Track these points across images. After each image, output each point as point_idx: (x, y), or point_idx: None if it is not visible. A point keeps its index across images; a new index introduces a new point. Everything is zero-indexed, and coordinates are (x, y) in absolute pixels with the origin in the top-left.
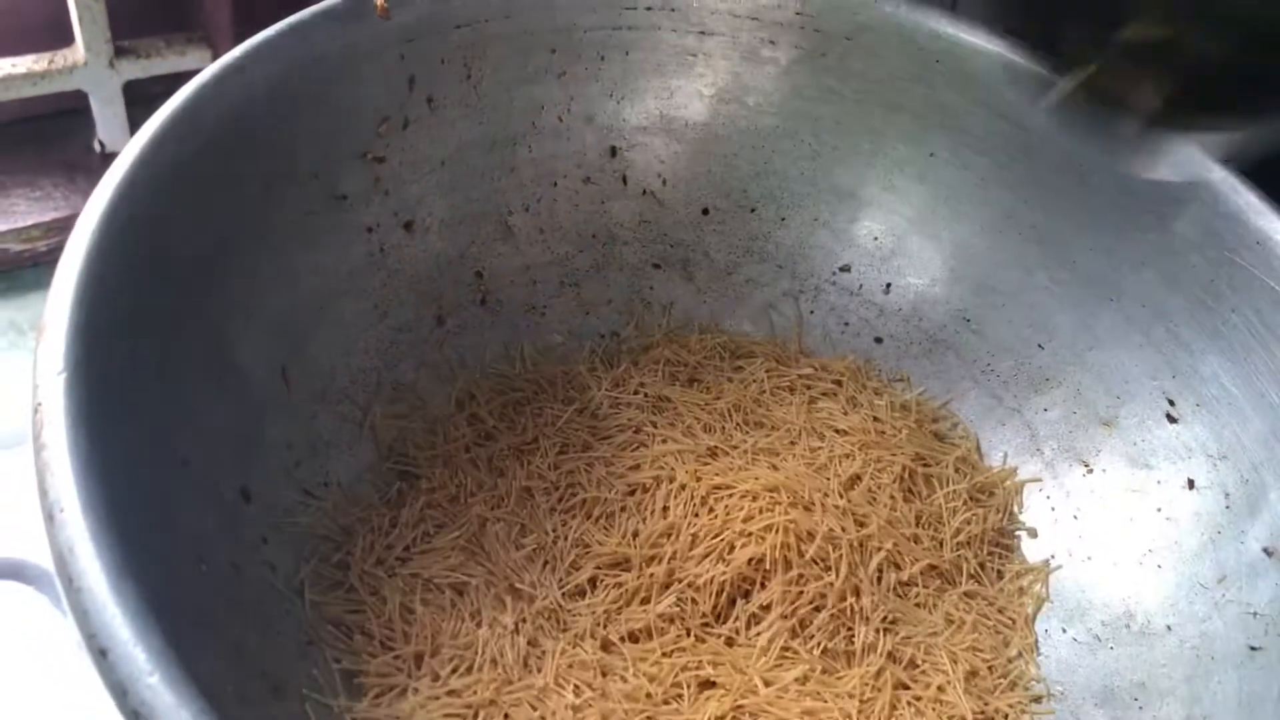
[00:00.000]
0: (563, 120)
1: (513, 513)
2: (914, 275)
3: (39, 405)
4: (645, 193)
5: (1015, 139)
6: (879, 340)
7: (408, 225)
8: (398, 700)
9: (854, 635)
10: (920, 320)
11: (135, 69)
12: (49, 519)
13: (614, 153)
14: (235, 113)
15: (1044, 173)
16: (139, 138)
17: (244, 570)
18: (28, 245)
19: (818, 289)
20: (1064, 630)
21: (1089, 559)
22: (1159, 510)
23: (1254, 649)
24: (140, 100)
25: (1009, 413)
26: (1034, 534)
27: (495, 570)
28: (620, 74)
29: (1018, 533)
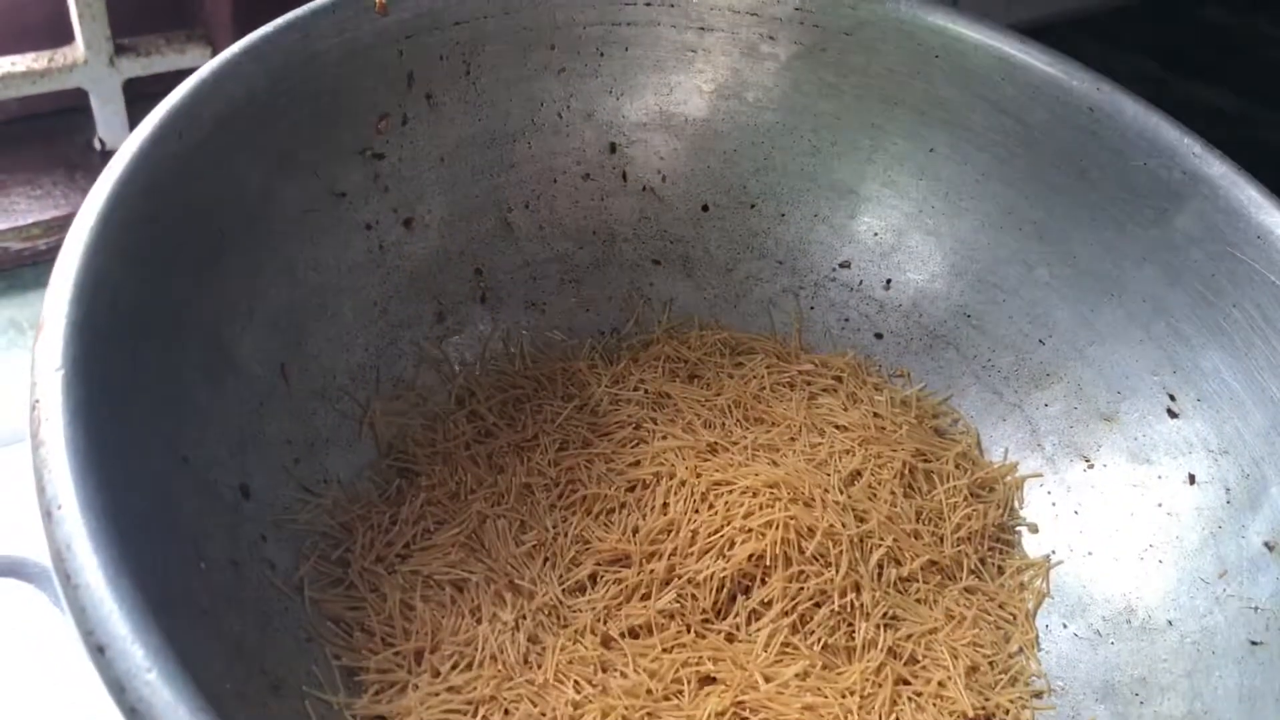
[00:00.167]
0: (562, 116)
1: (513, 509)
2: (914, 271)
3: (36, 402)
4: (645, 189)
5: (1015, 134)
6: (879, 336)
7: (407, 222)
8: (398, 697)
9: (854, 631)
10: (920, 316)
11: (135, 67)
12: (46, 516)
13: (613, 149)
14: (233, 109)
15: (1044, 168)
16: (137, 134)
17: (243, 567)
18: (28, 243)
19: (818, 285)
20: (1065, 625)
21: (1090, 554)
22: (1160, 505)
23: (1255, 644)
24: (140, 98)
25: (1010, 408)
26: (1035, 529)
27: (495, 567)
28: (620, 70)
29: (1018, 528)
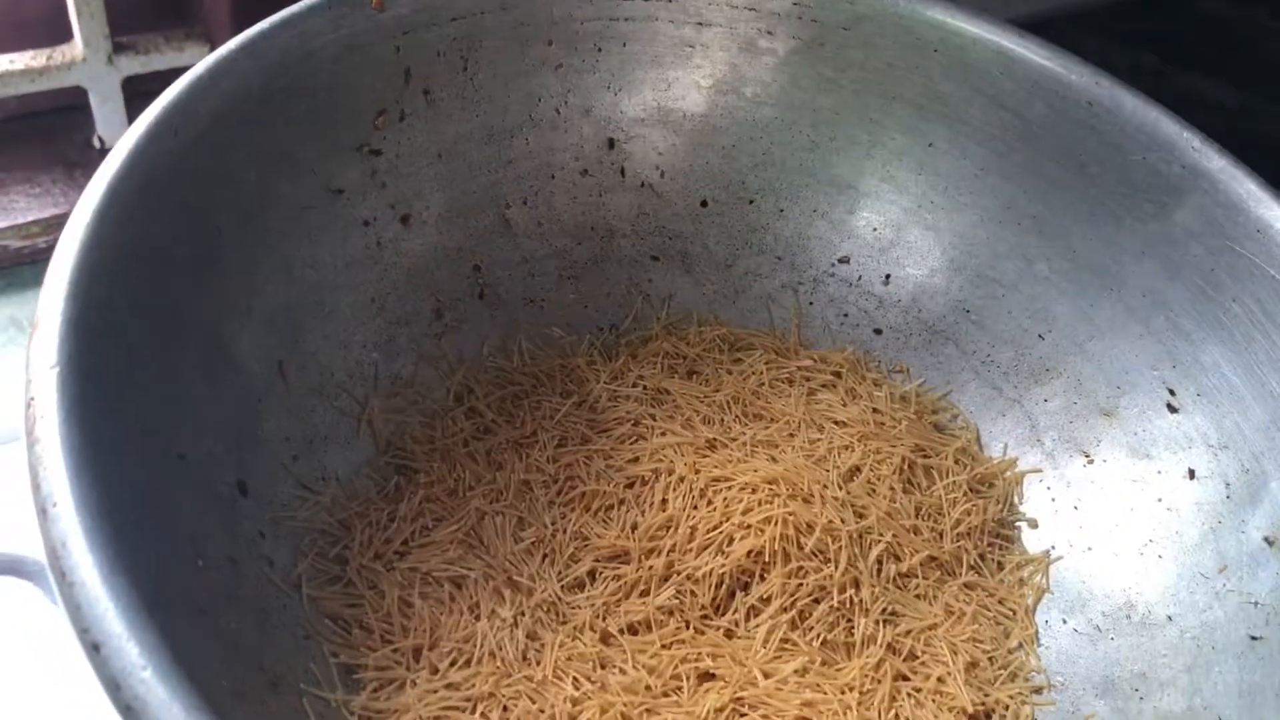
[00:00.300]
0: (560, 112)
1: (511, 506)
2: (913, 266)
3: (32, 400)
4: (643, 185)
5: (1014, 128)
6: (878, 332)
7: (405, 218)
8: (396, 694)
9: (854, 627)
10: (919, 311)
11: (134, 65)
12: (42, 513)
13: (612, 145)
14: (230, 106)
15: (1043, 162)
16: (133, 131)
17: (241, 565)
18: (27, 241)
19: (816, 281)
20: (1064, 621)
21: (1089, 549)
22: (1160, 500)
23: (1255, 639)
24: (139, 96)
25: (1009, 403)
26: (1034, 525)
27: (494, 563)
28: (617, 65)
29: (1018, 524)
